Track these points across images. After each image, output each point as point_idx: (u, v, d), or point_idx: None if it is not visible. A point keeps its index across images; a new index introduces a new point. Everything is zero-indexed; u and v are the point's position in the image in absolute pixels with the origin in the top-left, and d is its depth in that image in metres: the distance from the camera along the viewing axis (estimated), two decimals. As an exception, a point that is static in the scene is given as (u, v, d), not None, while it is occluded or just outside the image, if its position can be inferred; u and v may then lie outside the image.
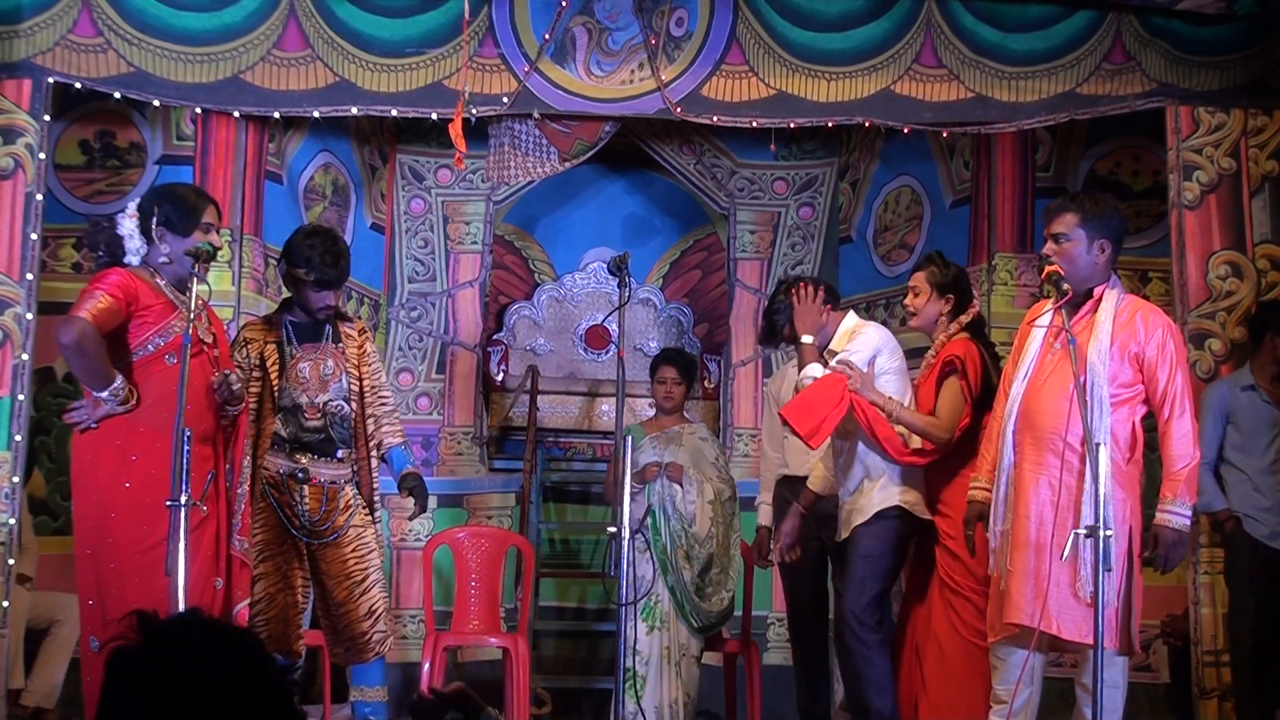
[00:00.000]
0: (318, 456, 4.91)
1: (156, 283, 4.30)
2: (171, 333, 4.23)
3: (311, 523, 4.87)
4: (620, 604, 4.52)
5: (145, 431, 4.20)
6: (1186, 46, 5.71)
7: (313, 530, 4.87)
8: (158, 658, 1.65)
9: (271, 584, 4.81)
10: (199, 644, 1.67)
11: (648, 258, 8.58)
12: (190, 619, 1.72)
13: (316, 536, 4.88)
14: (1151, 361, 4.20)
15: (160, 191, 4.46)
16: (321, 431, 4.90)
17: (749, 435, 7.52)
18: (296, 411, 4.87)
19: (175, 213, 4.29)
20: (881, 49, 5.73)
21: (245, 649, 1.69)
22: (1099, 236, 4.26)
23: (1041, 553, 4.17)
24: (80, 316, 4.07)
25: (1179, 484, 4.18)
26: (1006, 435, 4.33)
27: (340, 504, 4.91)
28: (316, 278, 4.82)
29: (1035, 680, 4.31)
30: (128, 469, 4.19)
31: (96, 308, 4.10)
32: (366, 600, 4.90)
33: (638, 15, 5.75)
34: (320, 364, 4.92)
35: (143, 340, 4.23)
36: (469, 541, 6.50)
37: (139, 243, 4.31)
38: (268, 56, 5.61)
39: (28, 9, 5.44)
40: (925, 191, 6.99)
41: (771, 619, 7.19)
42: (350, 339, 5.02)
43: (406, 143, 7.47)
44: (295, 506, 4.85)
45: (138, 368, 4.23)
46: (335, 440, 4.92)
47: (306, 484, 4.86)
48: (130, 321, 4.21)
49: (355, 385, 4.97)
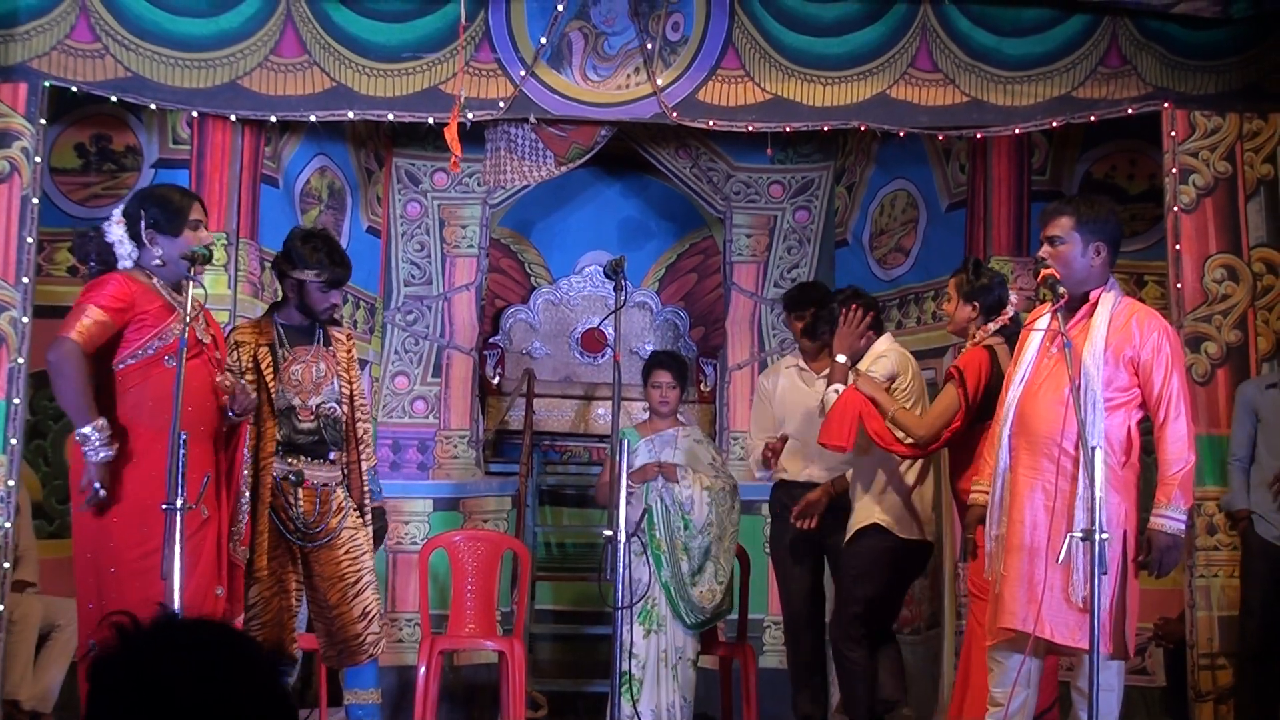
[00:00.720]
0: (310, 459, 4.93)
1: (154, 285, 4.28)
2: (170, 335, 4.19)
3: (306, 525, 4.88)
4: (617, 608, 4.53)
5: (145, 434, 4.17)
6: (1182, 50, 5.73)
7: (307, 533, 4.89)
8: (138, 664, 1.62)
9: (266, 588, 4.81)
10: (181, 646, 1.63)
11: (644, 261, 8.58)
12: (169, 620, 1.69)
13: (310, 539, 4.90)
14: (1146, 364, 4.20)
15: (144, 195, 4.44)
16: (315, 434, 4.92)
17: (745, 438, 7.51)
18: (290, 414, 4.89)
19: (162, 214, 4.28)
20: (877, 54, 5.73)
21: (229, 645, 1.66)
22: (1094, 239, 4.25)
23: (1035, 557, 4.17)
24: (67, 338, 4.08)
25: (1173, 488, 4.17)
26: (1003, 440, 4.34)
27: (333, 506, 4.93)
28: (327, 278, 4.89)
29: (1032, 683, 4.32)
30: (126, 472, 4.17)
31: (85, 326, 4.10)
32: (360, 602, 4.92)
33: (634, 20, 5.75)
34: (312, 366, 4.95)
35: (142, 343, 4.19)
36: (465, 545, 6.50)
37: (130, 248, 4.29)
38: (265, 62, 5.61)
39: (24, 13, 5.43)
40: (921, 195, 6.99)
41: (767, 622, 7.19)
42: (339, 343, 5.06)
43: (403, 147, 7.47)
44: (289, 510, 4.86)
45: (136, 370, 4.19)
46: (328, 442, 4.95)
47: (300, 486, 4.88)
48: (128, 328, 4.19)
49: (346, 389, 5.01)
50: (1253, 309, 5.59)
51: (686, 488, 5.99)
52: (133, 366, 4.20)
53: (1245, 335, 5.59)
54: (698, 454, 6.12)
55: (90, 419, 4.09)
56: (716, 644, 6.28)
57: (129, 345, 4.19)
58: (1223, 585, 5.45)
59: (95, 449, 4.08)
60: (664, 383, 6.12)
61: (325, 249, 4.92)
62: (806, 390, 5.94)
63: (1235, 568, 5.46)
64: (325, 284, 4.90)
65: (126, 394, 4.20)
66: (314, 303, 4.93)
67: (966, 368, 4.87)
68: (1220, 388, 5.55)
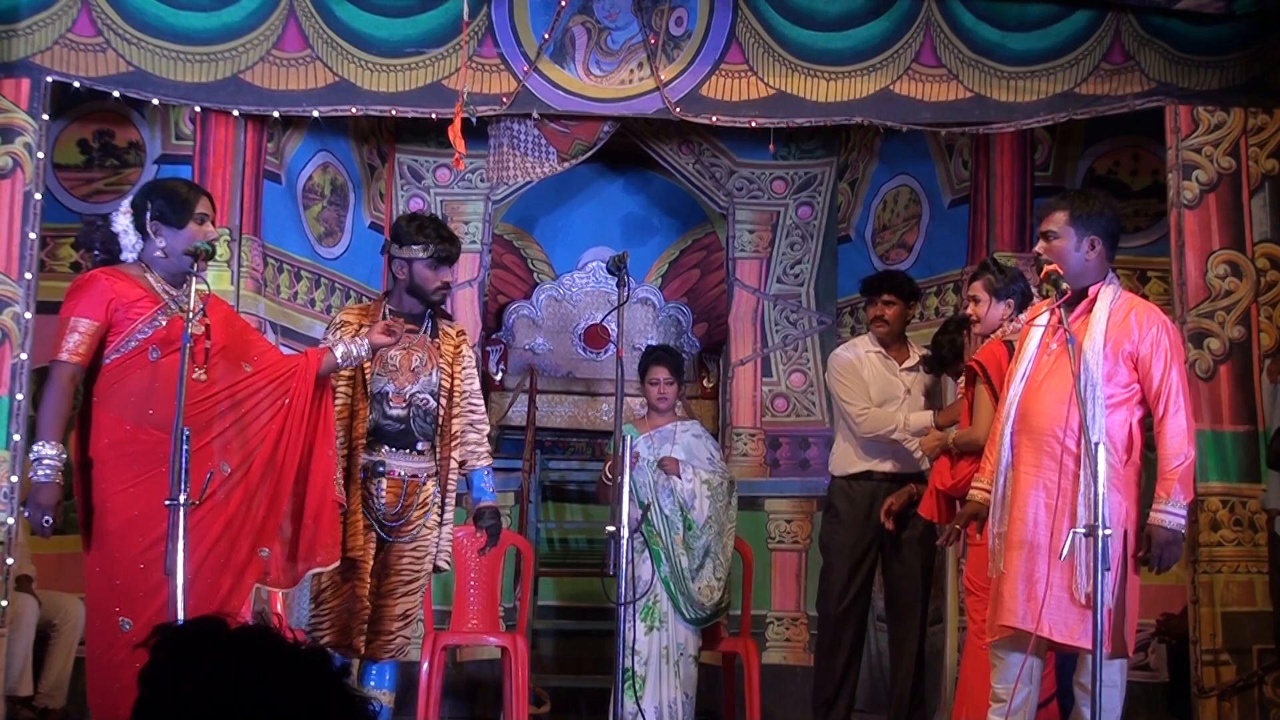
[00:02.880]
0: (396, 449, 4.83)
1: (145, 278, 4.24)
2: (155, 326, 4.17)
3: (386, 517, 4.79)
4: (619, 603, 4.53)
5: (130, 428, 4.15)
6: (1185, 46, 5.71)
7: (386, 524, 4.79)
8: (192, 674, 1.60)
9: (338, 583, 4.74)
10: (233, 659, 1.62)
11: (646, 257, 8.58)
12: (211, 627, 1.67)
13: (390, 531, 4.80)
14: (1145, 359, 4.19)
15: (152, 186, 4.41)
16: (403, 422, 4.83)
17: (748, 434, 7.51)
18: (382, 399, 4.82)
19: (169, 206, 4.25)
20: (881, 48, 5.73)
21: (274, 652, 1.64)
22: (1089, 233, 4.24)
23: (1036, 554, 4.16)
24: (65, 362, 4.12)
25: (1173, 483, 4.16)
26: (1004, 436, 4.33)
27: (418, 499, 4.84)
28: (434, 253, 4.83)
29: (1034, 679, 4.32)
30: (109, 466, 4.14)
31: (76, 344, 4.12)
32: (405, 602, 4.83)
33: (637, 15, 5.74)
34: (413, 354, 4.87)
35: (126, 334, 4.15)
36: (468, 541, 6.49)
37: (134, 238, 4.27)
38: (267, 56, 5.60)
39: (26, 8, 5.43)
40: (924, 191, 6.99)
41: (770, 618, 7.19)
42: (448, 337, 4.97)
43: (405, 142, 7.47)
44: (371, 500, 4.78)
45: (117, 365, 4.16)
46: (415, 433, 4.85)
47: (384, 477, 4.80)
48: (112, 325, 4.17)
49: (446, 383, 4.90)
50: (1256, 304, 5.58)
51: (688, 482, 5.99)
52: (115, 361, 4.17)
53: (1248, 331, 5.58)
54: (696, 449, 6.11)
55: (53, 439, 4.10)
56: (719, 640, 6.28)
57: (112, 340, 4.17)
58: (1226, 581, 5.44)
59: (44, 470, 4.08)
60: (661, 378, 6.10)
61: (431, 226, 4.88)
62: (890, 378, 5.99)
63: (1239, 563, 5.45)
64: (433, 260, 4.83)
65: (109, 388, 4.17)
66: (423, 281, 4.85)
67: (988, 362, 4.85)
68: (1223, 384, 5.54)
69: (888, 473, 5.92)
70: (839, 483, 6.01)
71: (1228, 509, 5.49)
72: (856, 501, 5.93)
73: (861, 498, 5.92)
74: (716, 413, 7.83)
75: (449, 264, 4.92)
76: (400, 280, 4.91)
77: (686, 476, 5.99)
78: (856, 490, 5.94)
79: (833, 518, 6.01)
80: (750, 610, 6.43)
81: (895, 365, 6.01)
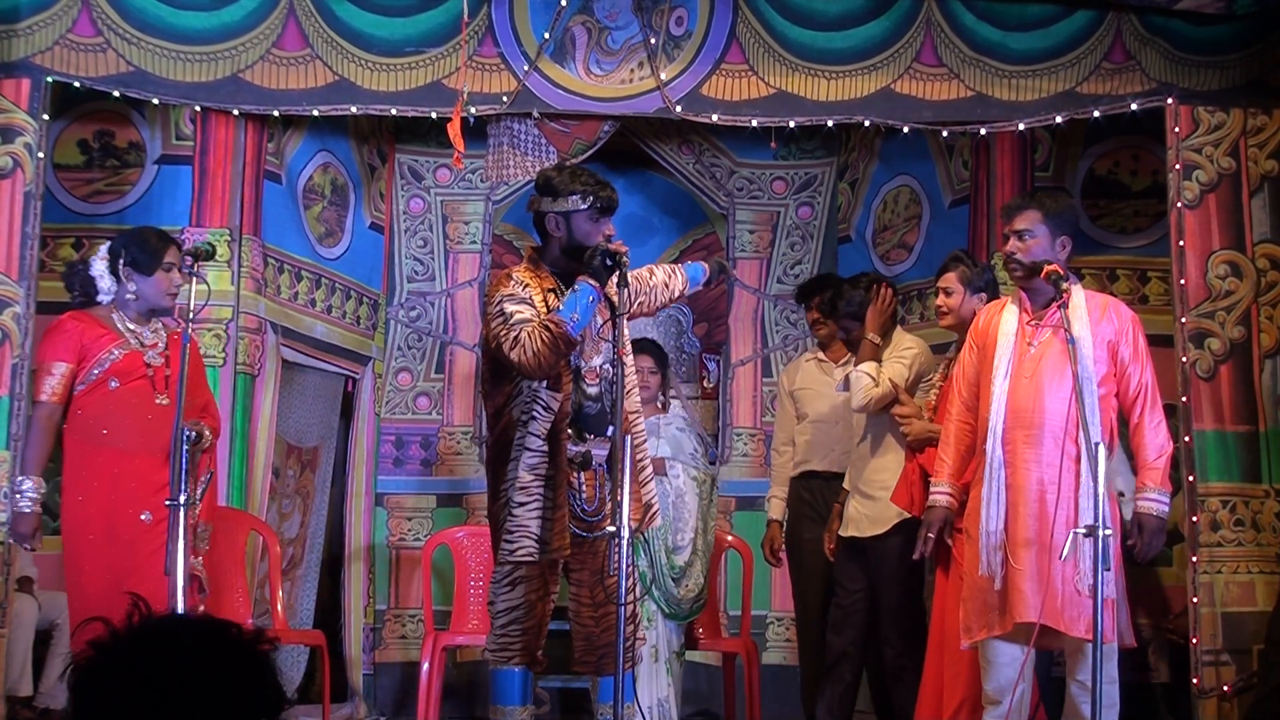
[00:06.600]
0: (595, 435, 4.31)
1: (111, 318, 4.76)
2: (112, 360, 4.68)
3: (586, 513, 4.27)
4: (620, 603, 4.52)
5: (89, 448, 4.68)
6: (1186, 46, 5.72)
7: (587, 520, 4.27)
8: (116, 667, 1.64)
9: (532, 590, 4.29)
10: (159, 643, 1.66)
11: (647, 257, 8.54)
12: (144, 622, 1.70)
13: (590, 529, 4.26)
14: (1126, 355, 4.33)
15: (128, 235, 4.92)
16: (599, 400, 4.30)
17: (748, 435, 7.52)
18: (578, 378, 4.26)
19: (140, 255, 4.77)
20: (881, 48, 5.73)
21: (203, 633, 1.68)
22: (1060, 232, 4.43)
23: (1045, 550, 4.20)
24: (43, 403, 4.69)
25: (1158, 472, 4.34)
26: (995, 434, 4.36)
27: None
28: (595, 201, 4.24)
29: (1026, 676, 4.34)
30: (71, 482, 4.71)
31: (53, 386, 4.68)
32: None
33: (637, 14, 5.74)
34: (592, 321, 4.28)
35: (86, 371, 4.67)
36: (468, 541, 6.50)
37: (109, 283, 4.80)
38: (267, 55, 5.60)
39: (26, 8, 5.43)
40: (924, 191, 6.99)
41: (771, 619, 7.19)
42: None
43: (405, 142, 7.47)
44: (573, 495, 4.25)
45: (84, 394, 4.69)
46: (609, 413, 4.25)
47: (585, 469, 4.28)
48: (82, 362, 4.71)
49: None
50: (1256, 305, 5.58)
51: (676, 479, 5.98)
52: (81, 393, 4.70)
53: (1249, 331, 5.58)
54: (681, 442, 6.09)
55: (33, 473, 4.70)
56: (718, 639, 6.28)
57: (79, 375, 4.70)
58: (1226, 581, 5.44)
59: (25, 501, 4.67)
60: (644, 369, 5.96)
61: (586, 173, 4.32)
62: (827, 380, 5.98)
63: (1240, 563, 5.45)
64: (595, 211, 4.25)
65: (74, 415, 4.71)
66: (584, 237, 4.24)
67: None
68: (1224, 384, 5.53)
69: (827, 471, 5.91)
70: (793, 483, 6.05)
71: (1228, 509, 5.48)
72: (804, 500, 5.95)
73: (806, 495, 5.95)
74: (716, 413, 7.83)
75: (610, 214, 4.32)
76: (555, 238, 4.32)
77: (674, 474, 5.98)
78: (802, 490, 5.97)
79: (790, 514, 6.07)
80: (750, 610, 6.43)
81: (832, 365, 6.01)
